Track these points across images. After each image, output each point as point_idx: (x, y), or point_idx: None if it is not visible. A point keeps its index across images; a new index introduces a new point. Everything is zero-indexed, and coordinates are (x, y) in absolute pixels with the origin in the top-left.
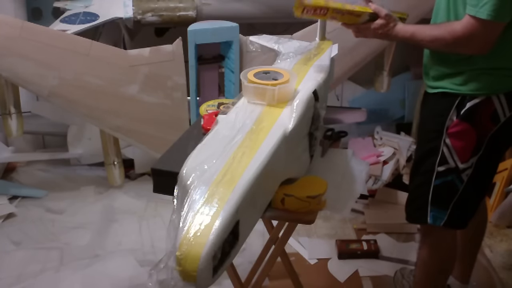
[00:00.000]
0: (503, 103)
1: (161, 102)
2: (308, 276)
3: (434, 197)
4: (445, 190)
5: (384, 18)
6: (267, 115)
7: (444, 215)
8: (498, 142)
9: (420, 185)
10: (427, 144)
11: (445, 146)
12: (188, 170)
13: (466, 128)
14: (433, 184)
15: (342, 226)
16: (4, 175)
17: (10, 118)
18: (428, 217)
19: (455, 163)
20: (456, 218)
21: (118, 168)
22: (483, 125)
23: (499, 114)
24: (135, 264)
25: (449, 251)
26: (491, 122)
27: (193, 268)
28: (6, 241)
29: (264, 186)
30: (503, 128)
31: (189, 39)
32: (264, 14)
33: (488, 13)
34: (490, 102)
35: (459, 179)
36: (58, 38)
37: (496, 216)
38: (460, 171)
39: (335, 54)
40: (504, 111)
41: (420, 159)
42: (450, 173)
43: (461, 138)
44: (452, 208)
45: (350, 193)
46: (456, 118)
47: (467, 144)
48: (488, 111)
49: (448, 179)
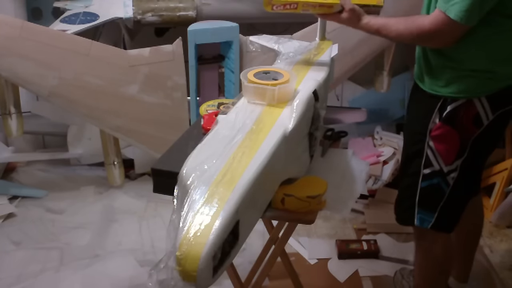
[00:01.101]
0: (486, 106)
1: (161, 102)
2: (308, 276)
3: (421, 199)
4: (432, 193)
5: (348, 12)
6: (267, 115)
7: (431, 217)
8: (482, 145)
9: (407, 186)
10: (413, 145)
11: (429, 149)
12: (188, 170)
13: (448, 131)
14: (419, 186)
15: (342, 226)
16: (4, 175)
17: (10, 118)
18: (416, 219)
19: (439, 165)
20: (444, 221)
21: (118, 168)
22: (466, 128)
23: (482, 117)
24: (135, 264)
25: (444, 252)
26: (473, 125)
27: (193, 268)
28: (6, 241)
29: (264, 186)
30: (487, 131)
31: (189, 39)
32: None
33: (456, 13)
34: (472, 105)
35: (445, 182)
36: (58, 38)
37: (496, 216)
38: (445, 173)
39: (335, 54)
40: (487, 115)
41: (407, 160)
42: (435, 176)
43: (443, 141)
44: (440, 211)
45: (350, 193)
46: (438, 121)
47: (450, 147)
48: (470, 114)
49: (434, 181)
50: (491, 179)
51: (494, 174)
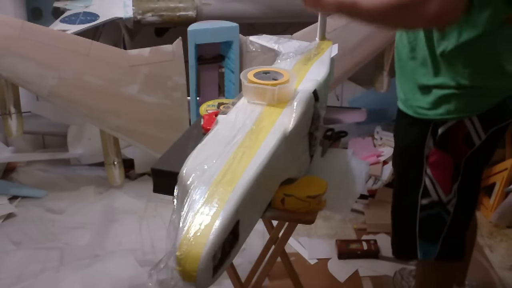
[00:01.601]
0: (477, 125)
1: (161, 102)
2: (308, 276)
3: (421, 231)
4: (433, 223)
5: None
6: (267, 115)
7: (435, 247)
8: (476, 163)
9: (405, 218)
10: (408, 174)
11: (427, 177)
12: (188, 170)
13: (443, 156)
14: (418, 217)
15: (342, 226)
16: (4, 175)
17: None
18: (418, 252)
19: (438, 196)
20: (450, 248)
21: (118, 168)
22: (457, 149)
23: (473, 137)
24: (135, 264)
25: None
26: (464, 145)
27: (193, 268)
28: (6, 241)
29: (264, 186)
30: (479, 150)
31: (189, 39)
32: (264, 14)
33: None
34: (462, 125)
35: (445, 211)
36: (58, 38)
37: (496, 216)
38: (445, 203)
39: (335, 54)
40: (478, 135)
41: (402, 190)
42: (434, 206)
43: (440, 167)
44: (443, 240)
45: (350, 193)
46: (433, 146)
47: (446, 173)
48: (461, 134)
49: (433, 212)
50: (491, 179)
51: (494, 174)
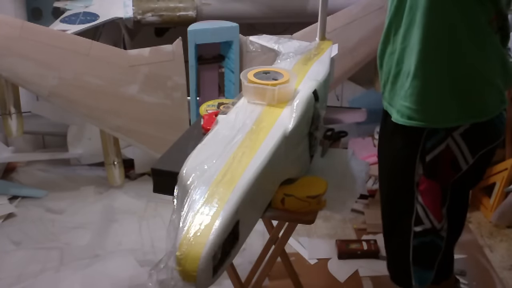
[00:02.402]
0: (464, 149)
1: (161, 102)
2: (308, 276)
3: (415, 258)
4: (427, 250)
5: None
6: (267, 115)
7: (430, 274)
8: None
9: (398, 246)
10: (399, 202)
11: (419, 204)
12: (188, 170)
13: (431, 183)
14: (412, 245)
15: (342, 226)
16: (4, 175)
17: (10, 118)
18: (413, 279)
19: (431, 223)
20: (444, 271)
21: (118, 168)
22: (444, 175)
23: (460, 163)
24: (135, 264)
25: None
26: (451, 170)
27: (193, 268)
28: (6, 241)
29: (264, 186)
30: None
31: (189, 39)
32: (264, 14)
33: None
34: (449, 151)
35: (439, 237)
36: (58, 38)
37: (496, 216)
38: (438, 230)
39: (335, 54)
40: (465, 159)
41: (393, 218)
42: (428, 234)
43: (430, 194)
44: (439, 265)
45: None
46: (422, 173)
47: (436, 199)
48: (448, 160)
49: (427, 239)
50: (491, 179)
51: (494, 174)
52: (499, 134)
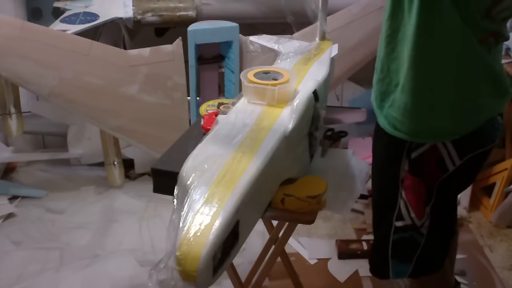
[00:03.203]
0: (451, 151)
1: (161, 102)
2: (308, 276)
3: (394, 251)
4: (405, 245)
5: None
6: (267, 115)
7: (408, 267)
8: (450, 187)
9: (380, 237)
10: (385, 196)
11: (402, 200)
12: (188, 170)
13: (415, 181)
14: (391, 239)
15: (342, 226)
16: (4, 175)
17: (10, 118)
18: (390, 272)
19: (411, 220)
20: (424, 266)
21: (118, 168)
22: (430, 173)
23: (447, 163)
24: (135, 264)
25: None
26: (438, 170)
27: (193, 268)
28: (6, 241)
29: (264, 186)
30: (454, 175)
31: (189, 39)
32: (264, 14)
33: None
34: (436, 151)
35: (419, 233)
36: (58, 38)
37: (496, 216)
38: (418, 227)
39: (335, 54)
40: (453, 161)
41: (379, 211)
42: (408, 230)
43: (413, 191)
44: (416, 260)
45: (350, 193)
46: (407, 170)
47: (419, 197)
48: (434, 159)
49: (406, 235)
50: (491, 179)
51: (494, 174)
52: (491, 139)
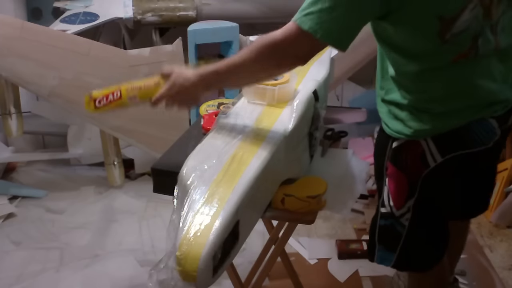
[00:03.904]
0: (432, 148)
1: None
2: (308, 276)
3: (380, 237)
4: (388, 233)
5: (165, 76)
6: (267, 115)
7: (391, 256)
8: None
9: (372, 221)
10: (378, 181)
11: (386, 187)
12: (188, 170)
13: (395, 171)
14: (378, 224)
15: (342, 226)
16: (4, 175)
17: (10, 118)
18: (375, 256)
19: (390, 209)
20: (408, 261)
21: (118, 168)
22: (411, 167)
23: (428, 157)
24: (135, 264)
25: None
26: (421, 163)
27: (193, 268)
28: (6, 241)
29: (264, 186)
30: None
31: (189, 39)
32: (264, 14)
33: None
34: (417, 144)
35: (399, 224)
36: (58, 38)
37: (496, 216)
38: (397, 217)
39: (335, 54)
40: (433, 157)
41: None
42: (388, 217)
43: (394, 181)
44: (400, 251)
45: (350, 193)
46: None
47: (399, 188)
48: (416, 153)
49: (388, 222)
50: None
51: None
52: (479, 141)
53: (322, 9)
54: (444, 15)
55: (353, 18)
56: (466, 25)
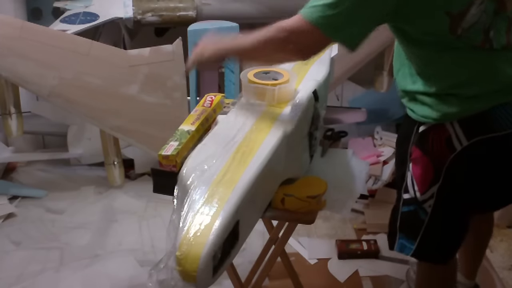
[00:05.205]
0: (458, 131)
1: (161, 102)
2: (308, 276)
3: (401, 225)
4: (411, 219)
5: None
6: (267, 115)
7: (412, 245)
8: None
9: (394, 209)
10: (399, 168)
11: (409, 172)
12: (188, 170)
13: (420, 156)
14: (400, 211)
15: (342, 226)
16: (4, 175)
17: (10, 118)
18: (396, 244)
19: (414, 193)
20: (428, 251)
21: (118, 168)
22: (437, 151)
23: (454, 142)
24: (135, 264)
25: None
26: (446, 148)
27: (193, 268)
28: (6, 241)
29: (264, 186)
30: (464, 158)
31: (189, 39)
32: (264, 14)
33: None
34: (443, 128)
35: (422, 210)
36: (58, 38)
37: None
38: (420, 202)
39: (335, 54)
40: (459, 140)
41: (396, 183)
42: (412, 203)
43: (419, 165)
44: (420, 239)
45: (350, 193)
46: (415, 143)
47: (424, 173)
48: (442, 137)
49: (411, 208)
50: None
51: None
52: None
53: (326, 3)
54: (451, 11)
55: (358, 13)
56: (475, 19)
